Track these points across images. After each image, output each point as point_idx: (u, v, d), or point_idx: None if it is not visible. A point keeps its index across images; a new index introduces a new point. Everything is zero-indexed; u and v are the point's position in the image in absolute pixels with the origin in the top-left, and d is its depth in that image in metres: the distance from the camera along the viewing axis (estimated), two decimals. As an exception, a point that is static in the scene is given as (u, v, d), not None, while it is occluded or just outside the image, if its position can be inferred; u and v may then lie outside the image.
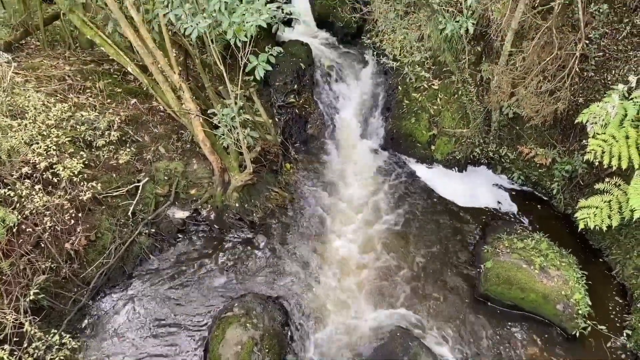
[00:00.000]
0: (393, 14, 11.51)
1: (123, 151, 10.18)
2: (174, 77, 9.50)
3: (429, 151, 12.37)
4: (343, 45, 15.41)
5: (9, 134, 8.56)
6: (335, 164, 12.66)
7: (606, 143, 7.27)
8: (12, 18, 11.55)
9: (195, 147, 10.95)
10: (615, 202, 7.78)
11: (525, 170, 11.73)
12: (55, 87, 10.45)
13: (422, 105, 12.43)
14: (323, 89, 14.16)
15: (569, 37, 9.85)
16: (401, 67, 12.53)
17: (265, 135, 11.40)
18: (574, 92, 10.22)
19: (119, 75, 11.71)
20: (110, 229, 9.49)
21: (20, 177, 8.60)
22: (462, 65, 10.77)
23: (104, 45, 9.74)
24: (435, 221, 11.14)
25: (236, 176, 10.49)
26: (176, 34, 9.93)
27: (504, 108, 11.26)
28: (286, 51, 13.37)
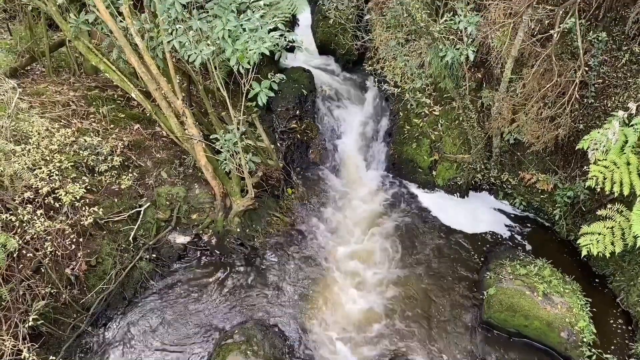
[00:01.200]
0: (394, 42, 11.66)
1: (125, 176, 10.20)
2: (177, 103, 9.58)
3: (430, 177, 12.39)
4: (345, 72, 15.58)
5: (12, 159, 8.59)
6: (336, 189, 12.67)
7: (607, 169, 7.29)
8: (19, 45, 11.72)
9: (197, 172, 10.99)
10: (618, 228, 7.76)
11: (527, 196, 11.73)
12: (59, 113, 10.54)
13: (423, 131, 12.50)
14: (325, 114, 14.26)
15: (569, 65, 9.95)
16: (402, 93, 12.64)
17: (267, 161, 11.43)
18: (575, 119, 10.28)
19: (122, 101, 11.82)
20: (111, 254, 9.45)
21: (22, 202, 8.60)
22: (462, 92, 10.86)
23: (108, 71, 9.86)
24: (437, 247, 11.09)
25: (238, 201, 10.50)
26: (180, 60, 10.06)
27: (505, 134, 11.32)
28: (288, 77, 13.51)
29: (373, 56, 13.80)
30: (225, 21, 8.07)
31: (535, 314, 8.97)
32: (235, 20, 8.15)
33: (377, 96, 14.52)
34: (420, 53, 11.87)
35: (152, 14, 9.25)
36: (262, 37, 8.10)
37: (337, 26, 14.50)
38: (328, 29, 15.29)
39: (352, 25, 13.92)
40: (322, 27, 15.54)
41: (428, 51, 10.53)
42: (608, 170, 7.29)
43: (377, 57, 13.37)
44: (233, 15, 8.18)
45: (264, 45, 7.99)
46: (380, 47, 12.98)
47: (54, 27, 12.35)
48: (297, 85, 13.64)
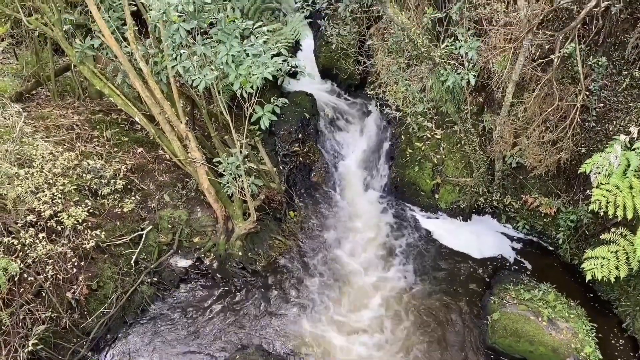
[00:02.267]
0: (395, 67, 11.78)
1: (128, 199, 10.22)
2: (181, 127, 9.65)
3: (433, 200, 12.38)
4: (347, 96, 15.70)
5: (15, 182, 8.63)
6: (338, 212, 12.65)
7: (610, 193, 7.26)
8: (25, 69, 11.86)
9: (200, 195, 11.00)
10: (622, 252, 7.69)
11: (530, 219, 11.69)
12: (64, 136, 10.61)
13: (425, 154, 12.53)
14: (327, 138, 14.33)
15: (569, 89, 10.02)
16: (404, 117, 12.71)
17: (269, 183, 11.45)
18: (576, 142, 10.30)
19: (126, 124, 11.90)
20: (113, 278, 9.40)
21: (24, 225, 8.61)
22: (464, 116, 10.92)
23: (112, 95, 9.95)
24: (441, 271, 11.01)
25: (240, 224, 10.48)
26: (184, 85, 10.16)
27: (507, 158, 11.34)
28: (291, 101, 13.61)
29: (375, 80, 13.93)
30: (229, 46, 8.17)
31: (541, 339, 8.86)
32: (239, 45, 8.25)
33: (379, 120, 14.60)
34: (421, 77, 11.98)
35: (156, 39, 9.38)
36: (265, 62, 8.19)
37: (339, 51, 14.66)
38: (330, 54, 15.47)
39: (354, 50, 14.07)
40: (325, 52, 15.72)
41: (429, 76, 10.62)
42: (611, 194, 7.27)
43: (378, 82, 13.49)
44: (237, 41, 8.29)
45: (267, 70, 8.07)
46: (381, 72, 13.11)
47: (59, 52, 12.50)
48: (299, 109, 13.74)
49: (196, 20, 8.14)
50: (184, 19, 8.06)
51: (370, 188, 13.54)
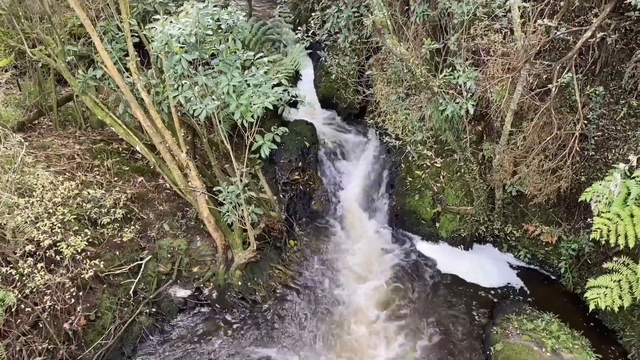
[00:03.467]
0: (394, 96, 11.88)
1: (127, 229, 10.18)
2: (182, 156, 9.69)
3: (433, 228, 12.33)
4: (347, 124, 15.81)
5: (15, 212, 8.61)
6: (339, 241, 12.59)
7: (611, 222, 7.24)
8: (27, 99, 11.97)
9: (200, 225, 10.97)
10: (625, 281, 7.63)
11: (531, 248, 11.62)
12: (64, 166, 10.64)
13: (425, 183, 12.55)
14: (327, 166, 14.37)
15: (568, 118, 10.09)
16: (404, 145, 12.76)
17: (269, 212, 11.43)
18: (576, 171, 10.32)
19: (127, 153, 11.95)
20: (111, 309, 9.30)
21: (23, 255, 8.56)
22: (463, 144, 10.97)
23: (114, 125, 10.03)
24: (442, 301, 10.90)
25: (239, 253, 10.42)
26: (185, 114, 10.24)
27: (507, 186, 11.34)
28: (291, 130, 13.70)
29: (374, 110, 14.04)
30: (230, 77, 8.28)
31: (545, 370, 8.71)
32: (240, 76, 8.36)
33: (378, 148, 14.67)
34: (420, 107, 12.08)
35: (158, 70, 9.50)
36: (266, 92, 8.28)
37: (339, 81, 14.82)
38: (330, 84, 15.65)
39: (353, 80, 14.23)
40: (325, 82, 15.91)
41: (428, 105, 10.72)
42: (612, 222, 7.24)
43: (378, 111, 13.60)
44: (238, 72, 8.40)
45: (268, 100, 8.16)
46: (381, 101, 13.23)
47: (62, 83, 12.64)
48: (299, 138, 13.83)
49: (198, 51, 8.26)
50: (185, 50, 8.19)
51: (370, 216, 13.50)
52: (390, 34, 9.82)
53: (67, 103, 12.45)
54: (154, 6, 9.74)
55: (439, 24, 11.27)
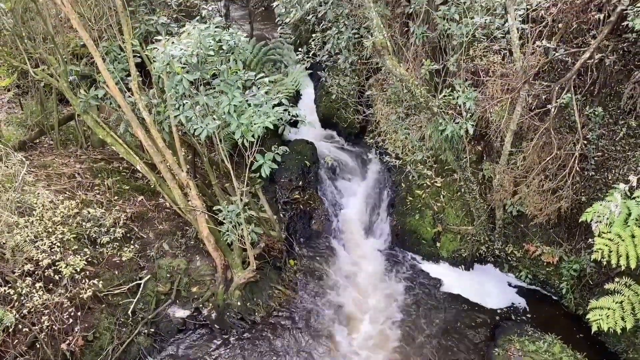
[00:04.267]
0: (394, 116, 11.95)
1: (127, 248, 10.14)
2: (182, 175, 9.70)
3: (434, 248, 12.29)
4: (347, 144, 15.87)
5: (14, 230, 8.59)
6: (339, 261, 12.53)
7: (612, 242, 7.22)
8: (29, 119, 12.03)
9: (199, 244, 10.93)
10: (628, 303, 7.59)
11: (532, 268, 11.56)
12: (65, 185, 10.64)
13: (425, 202, 12.54)
14: (327, 185, 14.37)
15: (567, 138, 10.12)
16: (404, 165, 12.79)
17: (269, 232, 11.40)
18: (576, 191, 10.31)
19: (127, 173, 11.96)
20: (109, 329, 9.22)
21: (22, 275, 8.52)
22: (463, 164, 10.99)
23: (115, 144, 10.06)
24: (443, 322, 10.80)
25: (239, 273, 10.36)
26: (186, 133, 10.29)
27: (508, 206, 11.33)
28: (292, 149, 13.74)
29: (374, 129, 14.10)
30: (231, 97, 8.33)
31: (547, 393, 8.60)
32: (241, 95, 8.42)
33: (379, 168, 14.70)
34: (420, 127, 12.14)
35: (160, 89, 9.56)
36: (267, 111, 8.33)
37: (339, 101, 14.91)
38: (330, 104, 15.74)
39: (353, 100, 14.32)
40: (325, 101, 16.01)
41: (428, 125, 10.76)
42: (613, 243, 7.22)
43: (378, 130, 13.66)
44: (239, 91, 8.46)
45: (268, 119, 8.20)
46: (381, 121, 13.30)
47: (64, 102, 12.73)
48: (300, 157, 13.85)
49: (199, 71, 8.32)
50: (187, 70, 8.25)
51: (371, 236, 13.46)
52: (390, 55, 9.91)
53: (68, 122, 12.50)
54: (156, 27, 9.86)
55: (439, 45, 11.38)
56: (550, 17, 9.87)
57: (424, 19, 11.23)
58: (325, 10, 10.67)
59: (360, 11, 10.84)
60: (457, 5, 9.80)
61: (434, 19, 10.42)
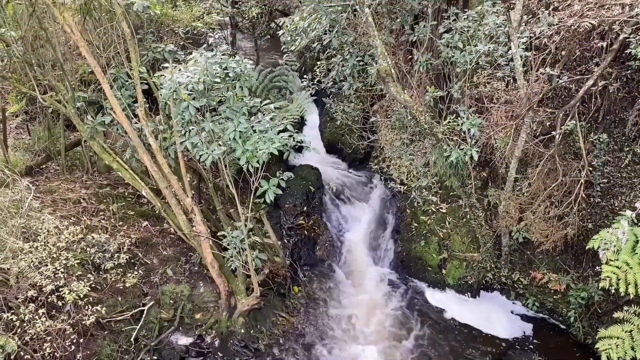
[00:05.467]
0: (399, 142, 11.98)
1: (131, 274, 10.10)
2: (187, 201, 9.71)
3: (440, 275, 12.18)
4: (351, 169, 15.89)
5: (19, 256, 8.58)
6: (344, 287, 12.43)
7: (620, 270, 7.13)
8: (36, 144, 12.13)
9: (203, 270, 10.87)
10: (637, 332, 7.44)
11: (539, 296, 11.41)
12: (70, 210, 10.67)
13: (431, 229, 12.48)
14: (332, 211, 14.35)
15: (573, 165, 10.11)
16: (408, 191, 12.77)
17: (273, 258, 11.34)
18: (583, 218, 10.25)
19: (132, 198, 12.00)
20: (111, 356, 9.12)
21: (25, 301, 8.47)
22: (468, 190, 10.96)
23: (120, 170, 10.10)
24: (449, 351, 10.63)
25: (243, 300, 10.28)
26: (191, 159, 10.34)
27: (514, 233, 11.25)
28: (296, 175, 13.76)
29: (379, 155, 14.13)
30: (236, 123, 8.39)
31: None
32: (247, 122, 8.47)
33: (383, 193, 14.67)
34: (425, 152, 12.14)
35: (166, 116, 9.64)
36: (272, 137, 8.37)
37: (344, 127, 14.99)
38: (335, 130, 15.83)
39: (358, 126, 14.39)
40: (330, 127, 16.11)
41: (433, 151, 10.78)
42: (621, 270, 7.12)
43: (382, 156, 13.68)
44: (244, 118, 8.51)
45: (273, 145, 8.23)
46: (385, 147, 13.33)
47: (71, 128, 12.85)
48: (304, 182, 13.87)
49: (206, 98, 8.40)
50: (193, 97, 8.33)
51: (375, 262, 13.37)
52: (394, 82, 9.99)
53: (75, 148, 12.60)
54: (163, 54, 9.98)
55: (442, 72, 11.47)
56: (553, 45, 9.96)
57: (428, 46, 11.35)
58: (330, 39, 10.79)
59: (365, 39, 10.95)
60: (460, 34, 9.91)
61: (438, 46, 10.52)
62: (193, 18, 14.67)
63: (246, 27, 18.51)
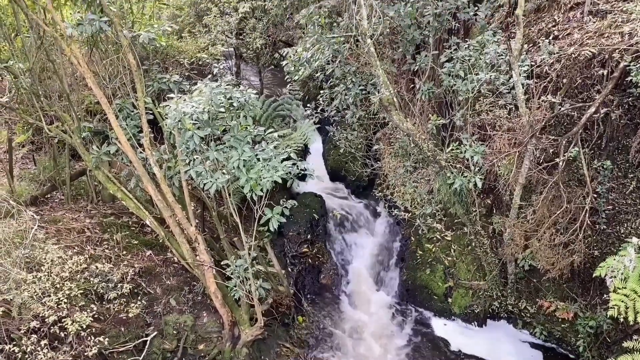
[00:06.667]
0: (402, 170, 12.00)
1: (134, 304, 10.02)
2: (191, 230, 9.70)
3: (446, 304, 12.04)
4: (355, 197, 15.89)
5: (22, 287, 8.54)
6: (348, 317, 12.29)
7: (628, 298, 7.03)
8: (42, 174, 12.21)
9: (207, 300, 10.79)
10: (648, 362, 7.30)
11: (547, 325, 11.24)
12: (74, 240, 10.66)
13: (436, 256, 12.40)
14: (336, 239, 14.30)
15: (577, 191, 10.08)
16: (413, 218, 12.73)
17: (277, 287, 11.25)
18: (589, 245, 10.18)
19: (136, 227, 11.99)
20: (113, 388, 9.00)
21: (27, 332, 8.40)
22: (473, 218, 10.93)
23: (125, 199, 10.13)
24: (457, 381, 10.47)
25: (246, 330, 10.16)
26: (195, 188, 10.36)
27: (519, 260, 11.16)
28: (300, 202, 13.77)
29: (382, 182, 14.14)
30: (240, 152, 8.43)
31: None
32: (251, 150, 8.52)
33: (387, 221, 14.64)
34: (428, 180, 12.16)
35: (171, 145, 9.71)
36: (276, 166, 8.40)
37: (347, 155, 15.05)
38: (338, 157, 15.90)
39: (361, 154, 14.45)
40: (333, 155, 16.18)
41: (436, 178, 10.80)
42: (629, 299, 7.03)
43: (386, 184, 13.69)
44: (248, 146, 8.57)
45: (277, 173, 8.26)
46: (389, 174, 13.35)
47: (76, 157, 12.94)
48: (308, 210, 13.86)
49: (210, 127, 8.47)
50: (198, 127, 8.40)
51: (380, 291, 13.26)
52: (396, 111, 10.07)
53: (80, 177, 12.66)
54: (168, 85, 10.10)
55: (444, 100, 11.57)
56: (554, 73, 10.05)
57: (430, 75, 11.47)
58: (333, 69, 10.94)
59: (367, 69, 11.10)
60: (462, 62, 10.02)
61: (440, 75, 10.63)
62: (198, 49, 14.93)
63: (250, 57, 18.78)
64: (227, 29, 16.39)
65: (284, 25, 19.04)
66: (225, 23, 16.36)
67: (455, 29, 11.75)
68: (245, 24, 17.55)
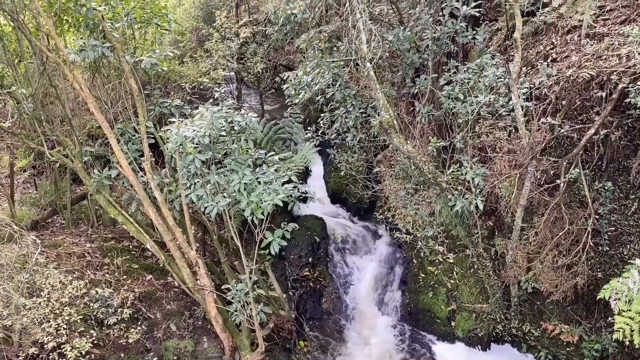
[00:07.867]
0: (403, 192, 11.99)
1: (134, 329, 9.93)
2: (191, 253, 9.66)
3: (449, 327, 11.90)
4: (356, 219, 15.85)
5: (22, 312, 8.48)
6: (351, 342, 12.15)
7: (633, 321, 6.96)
8: (43, 199, 12.22)
9: (207, 324, 10.69)
10: (656, 386, 7.20)
11: (552, 348, 11.08)
12: (74, 264, 10.61)
13: (438, 279, 12.30)
14: (338, 262, 14.21)
15: (579, 213, 10.05)
16: (414, 240, 12.67)
17: (278, 311, 11.15)
18: (592, 267, 10.10)
19: (137, 251, 11.95)
20: (111, 416, 8.86)
21: (26, 358, 8.31)
22: (475, 240, 10.88)
23: (126, 223, 10.12)
24: (461, 406, 10.29)
25: (247, 356, 10.04)
26: (196, 211, 10.35)
27: (522, 283, 11.06)
28: (301, 225, 13.72)
29: (384, 205, 14.12)
30: (241, 175, 8.46)
31: None
32: (251, 174, 8.54)
33: (389, 243, 14.57)
34: (430, 202, 12.14)
35: (172, 169, 9.74)
36: (277, 189, 8.41)
37: (348, 177, 15.05)
38: (339, 180, 15.90)
39: (362, 176, 14.46)
40: (334, 177, 16.18)
41: (437, 200, 10.77)
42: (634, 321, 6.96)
43: (387, 206, 13.67)
44: (249, 170, 8.59)
45: (278, 196, 8.27)
46: (390, 197, 13.34)
47: (77, 182, 12.96)
48: (309, 233, 13.81)
49: (211, 151, 8.51)
50: (199, 150, 8.44)
51: (383, 314, 13.12)
52: (397, 133, 10.11)
53: (81, 201, 12.67)
54: (170, 109, 10.18)
55: (444, 122, 11.61)
56: (553, 95, 10.11)
57: (429, 98, 11.54)
58: (333, 92, 11.01)
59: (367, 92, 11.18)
60: (461, 85, 10.09)
61: (439, 98, 10.69)
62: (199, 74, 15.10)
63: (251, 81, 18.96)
64: (228, 53, 16.60)
65: (284, 49, 19.29)
66: (227, 48, 16.58)
67: (454, 52, 11.86)
68: (246, 49, 17.76)
